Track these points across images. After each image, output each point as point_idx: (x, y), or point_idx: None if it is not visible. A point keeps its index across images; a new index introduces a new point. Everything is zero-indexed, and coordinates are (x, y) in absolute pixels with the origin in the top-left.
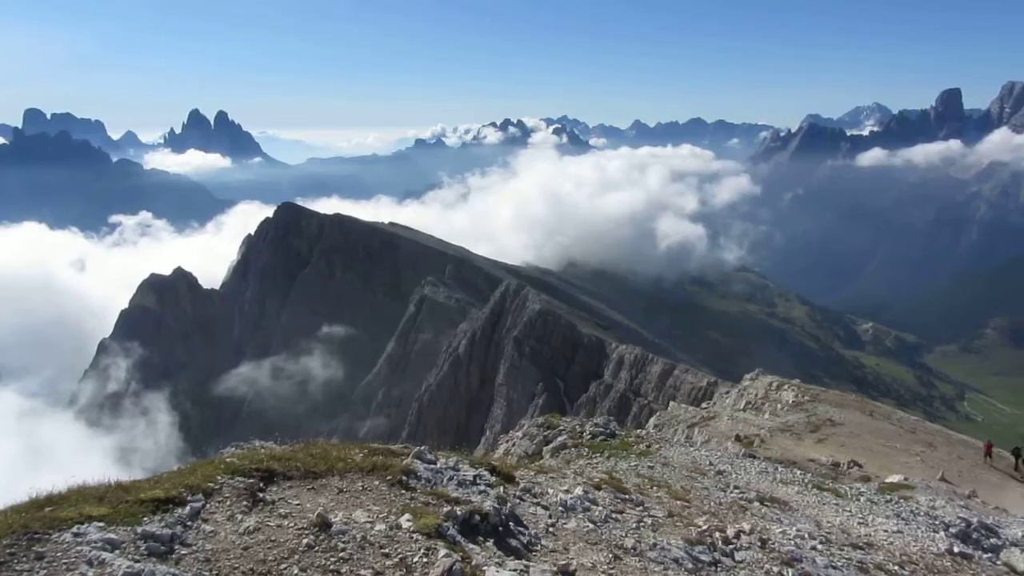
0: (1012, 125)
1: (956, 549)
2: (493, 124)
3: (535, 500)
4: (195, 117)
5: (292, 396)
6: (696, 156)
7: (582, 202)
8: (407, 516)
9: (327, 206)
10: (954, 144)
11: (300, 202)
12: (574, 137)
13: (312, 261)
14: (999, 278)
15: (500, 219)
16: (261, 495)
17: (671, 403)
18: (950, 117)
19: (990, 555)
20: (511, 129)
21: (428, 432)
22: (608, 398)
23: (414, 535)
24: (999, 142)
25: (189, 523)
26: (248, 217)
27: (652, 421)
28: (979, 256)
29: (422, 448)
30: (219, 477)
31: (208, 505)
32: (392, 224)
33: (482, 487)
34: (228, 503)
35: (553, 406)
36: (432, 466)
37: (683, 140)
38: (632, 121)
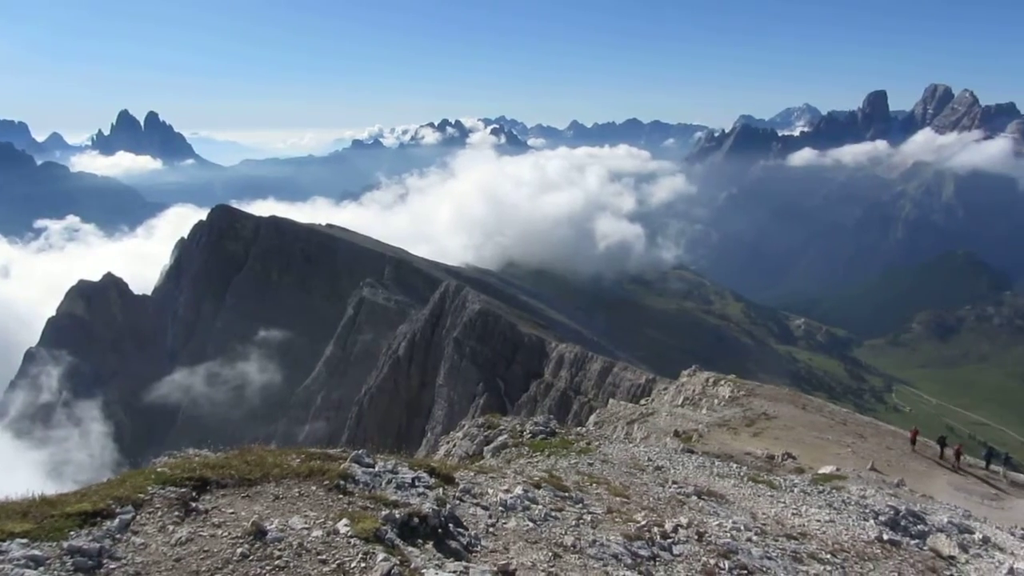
0: (935, 126)
1: (885, 536)
2: (431, 124)
3: (475, 500)
4: (124, 118)
5: (228, 402)
6: (633, 156)
7: (521, 202)
8: (345, 521)
9: (262, 208)
10: (880, 144)
11: (235, 204)
12: (512, 137)
13: (248, 264)
14: (924, 274)
15: (439, 220)
16: (194, 504)
17: (611, 400)
18: (876, 118)
19: (917, 541)
20: (449, 129)
21: (368, 435)
22: (549, 397)
23: (352, 540)
24: (923, 142)
25: (118, 536)
26: (181, 220)
27: (592, 418)
28: (905, 253)
29: (360, 452)
30: (149, 488)
31: (138, 517)
32: (329, 226)
33: (421, 489)
34: (159, 514)
35: (494, 406)
36: (370, 470)
37: (620, 140)
38: (570, 121)
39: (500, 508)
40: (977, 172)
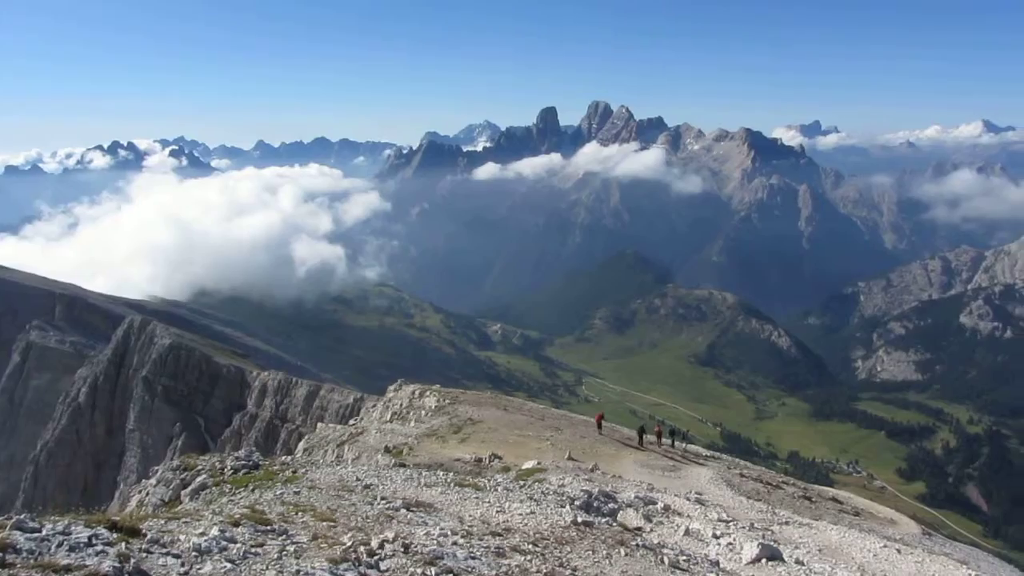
0: (599, 139)
1: (580, 519)
2: (100, 147)
3: (165, 550)
4: None
5: None
6: (325, 175)
7: (210, 227)
8: None
9: None
10: (555, 157)
11: None
12: (194, 159)
13: None
14: (600, 274)
15: (117, 250)
16: None
17: (319, 424)
18: (549, 133)
19: (608, 519)
20: (121, 152)
21: (49, 496)
22: (254, 428)
23: None
24: (590, 154)
25: None
26: None
27: (301, 445)
28: (583, 256)
29: (22, 516)
30: None
31: None
32: None
33: (100, 547)
34: None
35: (195, 445)
36: (36, 534)
37: (309, 159)
38: (256, 141)
39: (194, 554)
40: (637, 180)
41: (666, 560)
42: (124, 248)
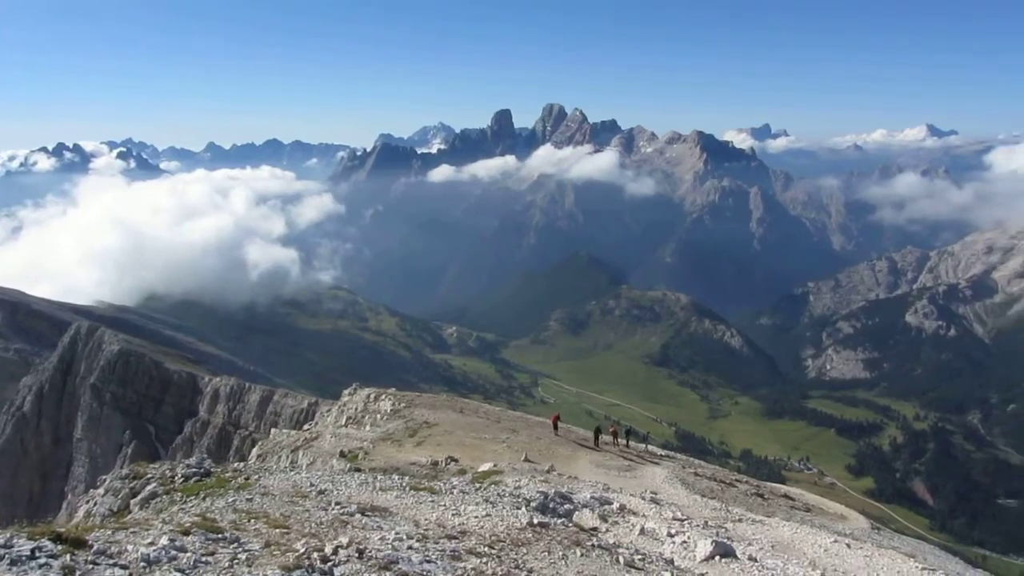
0: (554, 141)
1: (536, 520)
2: (44, 149)
3: (112, 561)
4: None
5: None
6: (277, 177)
7: (160, 231)
8: None
9: None
10: (509, 159)
11: None
12: (142, 161)
13: None
14: (555, 276)
15: (63, 255)
16: None
17: (273, 430)
18: (504, 135)
19: (564, 519)
20: (67, 154)
21: None
22: (206, 435)
23: None
24: (545, 156)
25: None
26: None
27: (254, 451)
28: (538, 258)
29: None
30: None
31: None
32: None
33: (44, 560)
34: None
35: (145, 454)
36: None
37: (261, 161)
38: (206, 143)
39: (143, 564)
40: (591, 182)
41: (621, 560)
42: (70, 252)
